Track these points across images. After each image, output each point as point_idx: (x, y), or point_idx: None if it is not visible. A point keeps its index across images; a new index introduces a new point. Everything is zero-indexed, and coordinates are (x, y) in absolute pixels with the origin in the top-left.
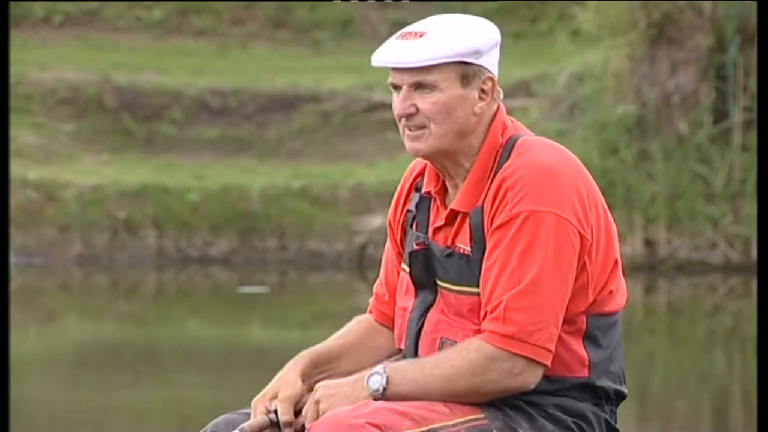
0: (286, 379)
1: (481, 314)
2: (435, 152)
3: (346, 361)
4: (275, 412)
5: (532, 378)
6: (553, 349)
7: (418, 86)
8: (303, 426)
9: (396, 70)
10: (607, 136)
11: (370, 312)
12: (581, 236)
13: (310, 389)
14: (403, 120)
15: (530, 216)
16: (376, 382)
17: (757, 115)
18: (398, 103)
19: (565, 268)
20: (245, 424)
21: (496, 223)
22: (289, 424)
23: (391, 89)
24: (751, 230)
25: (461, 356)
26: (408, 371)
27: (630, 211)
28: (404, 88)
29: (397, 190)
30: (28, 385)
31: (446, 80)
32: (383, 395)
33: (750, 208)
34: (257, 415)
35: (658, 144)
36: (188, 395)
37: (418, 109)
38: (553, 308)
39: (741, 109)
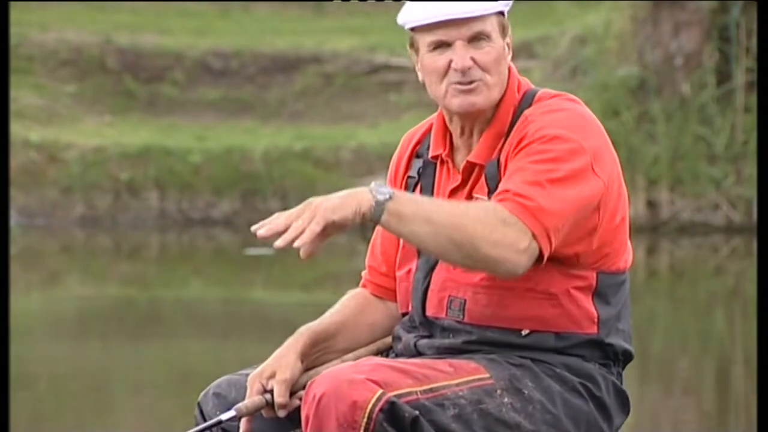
0: (286, 361)
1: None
2: (490, 104)
3: (342, 338)
4: (271, 392)
5: (525, 260)
6: (554, 244)
7: (474, 38)
8: (297, 407)
9: (448, 25)
10: (609, 98)
11: (364, 286)
12: (598, 177)
13: (308, 368)
14: (458, 75)
15: (555, 138)
16: (383, 188)
17: (758, 76)
18: (458, 58)
19: (583, 187)
20: (241, 404)
21: (519, 147)
22: (283, 406)
23: (430, 50)
24: (753, 191)
25: (477, 206)
26: (417, 196)
27: (632, 173)
28: (458, 43)
29: (395, 158)
30: (30, 346)
31: (495, 31)
32: (384, 205)
33: (752, 169)
34: (254, 393)
35: (661, 105)
36: (190, 356)
37: (475, 62)
38: (567, 206)
39: (744, 71)
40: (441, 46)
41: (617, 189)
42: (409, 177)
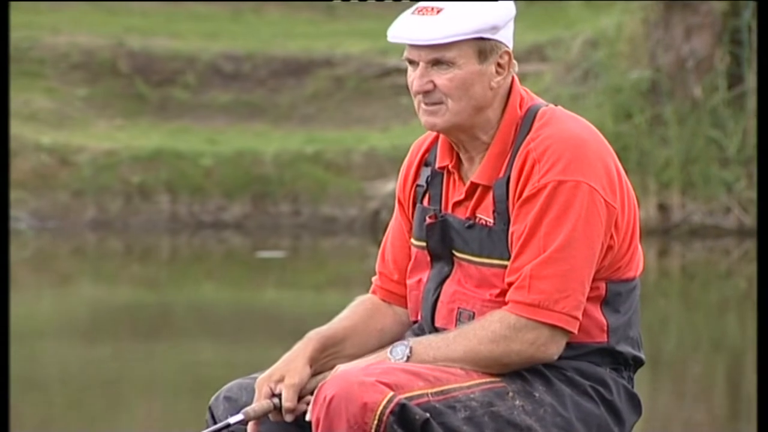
0: (295, 366)
1: (506, 284)
2: (452, 127)
3: (351, 343)
4: (279, 396)
5: (555, 348)
6: (580, 317)
7: (436, 63)
8: (305, 412)
9: (413, 46)
10: (621, 101)
11: (374, 292)
12: (609, 205)
13: (317, 373)
14: (420, 95)
15: (558, 186)
16: (400, 352)
17: (758, 79)
18: (415, 79)
19: (593, 236)
20: (249, 408)
21: (524, 196)
22: (291, 411)
23: (407, 64)
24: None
25: (484, 327)
26: (431, 341)
27: (644, 176)
28: (421, 64)
29: (404, 165)
30: (41, 348)
31: (464, 57)
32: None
33: None
34: (262, 396)
35: (672, 109)
36: (202, 359)
37: (435, 86)
38: (579, 276)
39: (755, 74)
40: (412, 63)
41: (628, 203)
42: (417, 186)
